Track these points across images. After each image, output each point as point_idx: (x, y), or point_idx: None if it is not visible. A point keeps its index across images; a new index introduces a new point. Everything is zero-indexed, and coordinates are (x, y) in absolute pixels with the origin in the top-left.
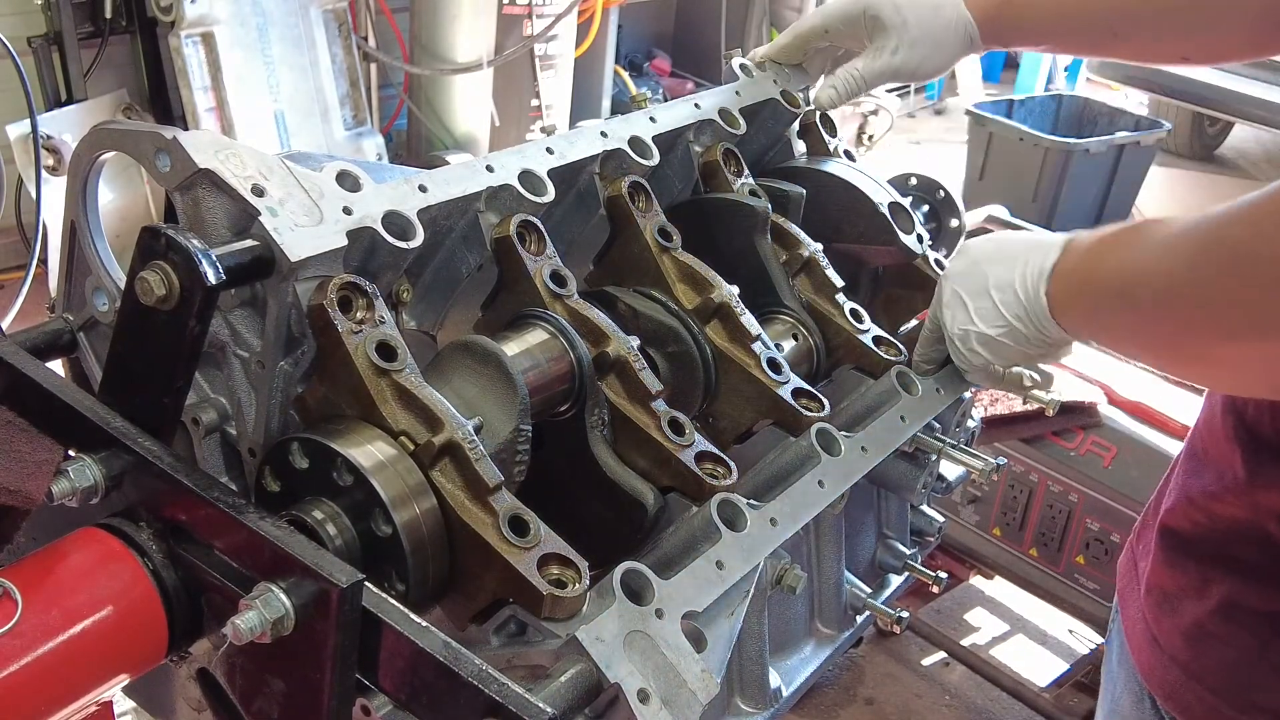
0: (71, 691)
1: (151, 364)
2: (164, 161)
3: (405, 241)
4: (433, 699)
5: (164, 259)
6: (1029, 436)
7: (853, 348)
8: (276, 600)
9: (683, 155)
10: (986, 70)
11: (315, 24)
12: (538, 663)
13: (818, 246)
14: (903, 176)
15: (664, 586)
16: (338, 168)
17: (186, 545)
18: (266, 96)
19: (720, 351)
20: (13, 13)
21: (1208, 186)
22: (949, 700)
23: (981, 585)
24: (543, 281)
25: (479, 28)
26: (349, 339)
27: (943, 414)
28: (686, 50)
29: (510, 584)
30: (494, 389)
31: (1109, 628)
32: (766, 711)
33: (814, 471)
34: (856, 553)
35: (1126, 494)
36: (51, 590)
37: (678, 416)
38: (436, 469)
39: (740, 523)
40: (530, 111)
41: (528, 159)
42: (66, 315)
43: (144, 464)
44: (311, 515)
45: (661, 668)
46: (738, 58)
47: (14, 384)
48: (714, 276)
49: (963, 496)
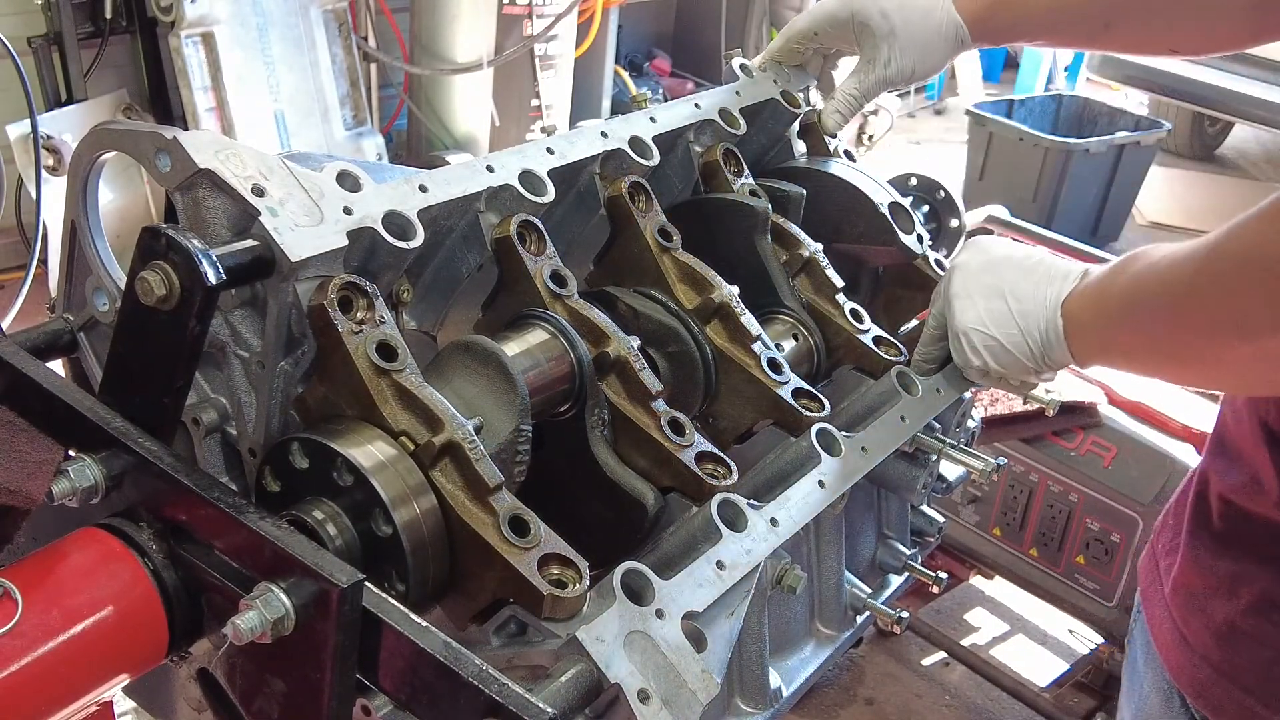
0: (72, 691)
1: (152, 364)
2: (164, 161)
3: (405, 241)
4: (433, 699)
5: (164, 259)
6: (1029, 436)
7: (853, 348)
8: (277, 600)
9: (683, 155)
10: (986, 70)
11: (315, 24)
12: (538, 663)
13: (818, 247)
14: (903, 177)
15: (664, 587)
16: (338, 168)
17: (187, 545)
18: (266, 96)
19: (720, 351)
20: (13, 13)
21: (1208, 186)
22: (949, 700)
23: (981, 585)
24: (543, 281)
25: (479, 28)
26: (349, 339)
27: (943, 414)
28: (686, 50)
29: (510, 584)
30: (494, 389)
31: (1130, 628)
32: (766, 712)
33: (814, 472)
34: (856, 553)
35: (1126, 494)
36: (52, 590)
37: (678, 416)
38: (437, 469)
39: (741, 523)
40: (530, 111)
41: (528, 159)
42: (66, 315)
43: (144, 464)
44: (312, 515)
45: (662, 668)
46: (738, 58)
47: (14, 384)
48: (714, 277)
49: (963, 496)
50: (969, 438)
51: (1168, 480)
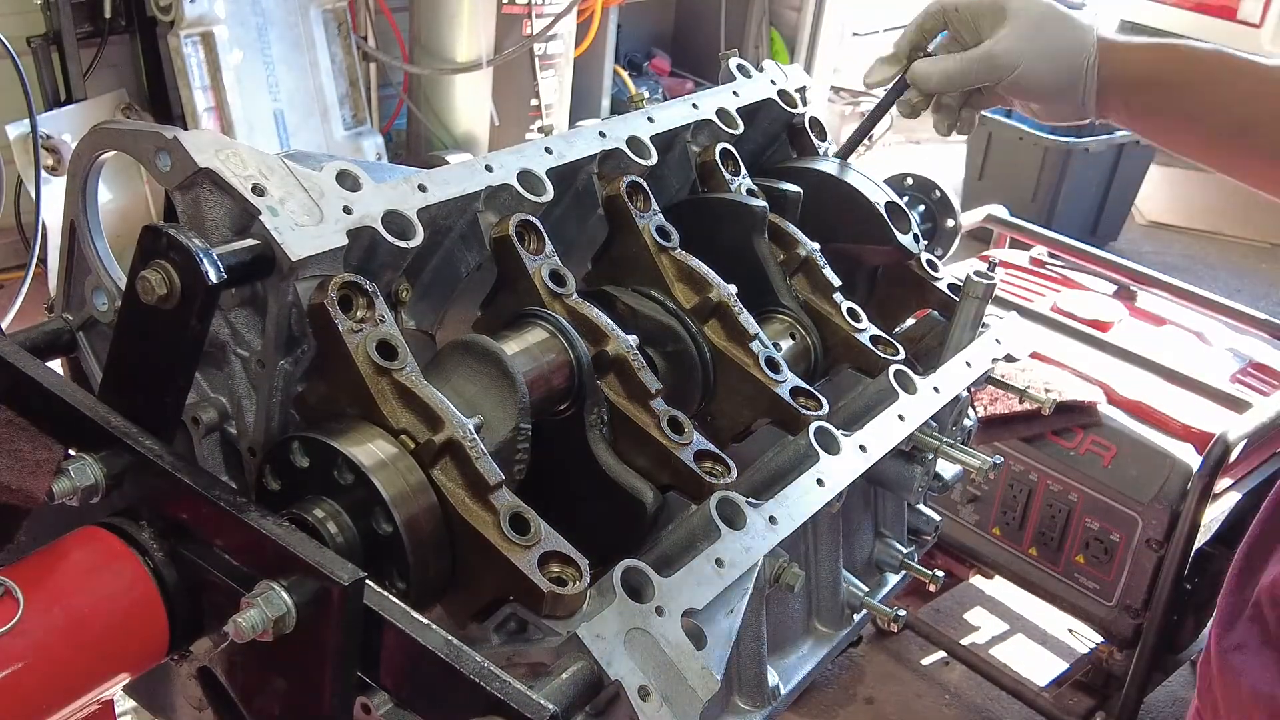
0: (72, 690)
1: (152, 363)
2: (164, 161)
3: (405, 241)
4: (434, 696)
5: (165, 258)
6: (1028, 436)
7: (850, 347)
8: (278, 598)
9: (680, 155)
10: None
11: (315, 24)
12: (538, 660)
13: (815, 246)
14: (899, 176)
15: (664, 584)
16: (338, 167)
17: (187, 544)
18: (266, 96)
19: (718, 350)
20: (12, 12)
21: (1207, 186)
22: (949, 700)
23: (981, 584)
24: (542, 281)
25: (478, 27)
26: (349, 338)
27: (940, 412)
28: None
29: (511, 582)
30: (494, 388)
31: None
32: (765, 709)
33: (813, 470)
34: (854, 551)
35: (1126, 493)
36: (53, 589)
37: (676, 415)
38: (437, 467)
39: (739, 521)
40: (530, 111)
41: (526, 159)
42: (66, 315)
43: (145, 463)
44: (312, 514)
45: (662, 665)
46: (735, 58)
47: (14, 383)
48: (712, 276)
49: (962, 496)
50: (966, 436)
51: (1167, 480)
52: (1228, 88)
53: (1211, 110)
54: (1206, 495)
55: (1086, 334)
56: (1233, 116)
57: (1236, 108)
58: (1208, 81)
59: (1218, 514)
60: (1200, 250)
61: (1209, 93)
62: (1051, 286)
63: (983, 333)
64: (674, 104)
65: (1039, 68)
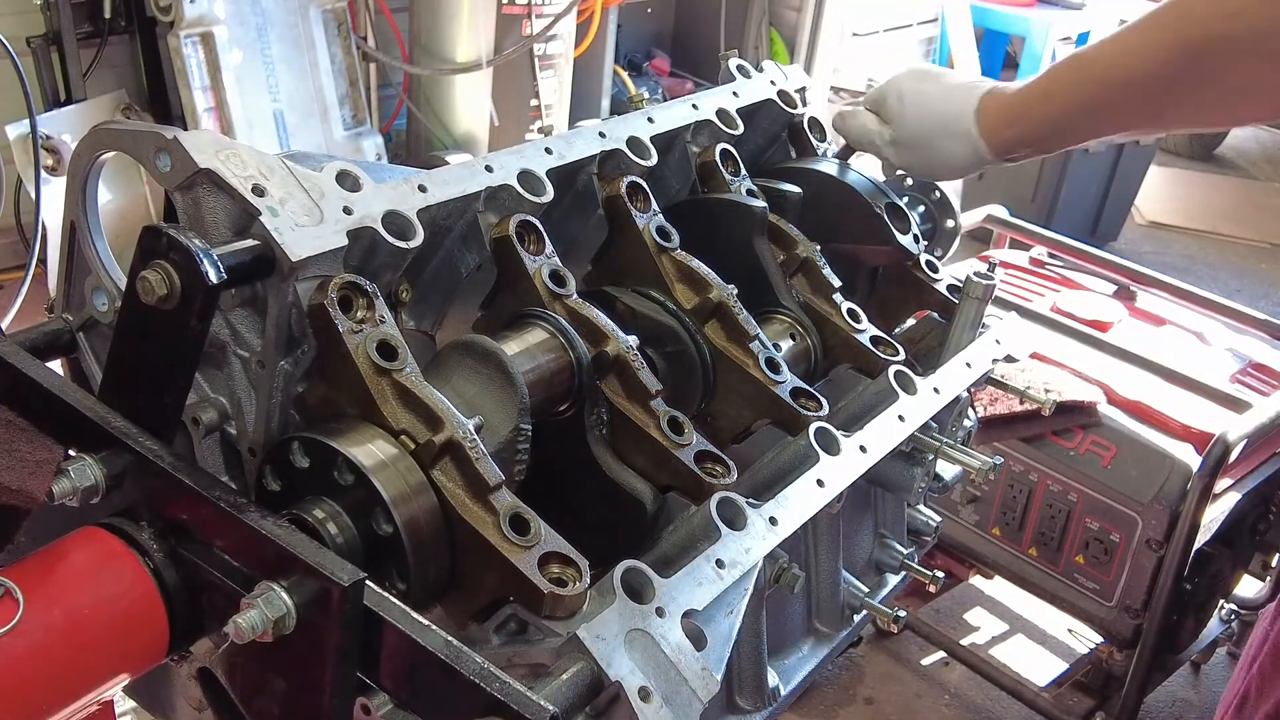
0: (72, 690)
1: (152, 363)
2: (164, 161)
3: (405, 241)
4: (434, 697)
5: (165, 258)
6: (1028, 436)
7: (850, 347)
8: (278, 599)
9: (680, 156)
10: (985, 70)
11: (315, 24)
12: (538, 661)
13: (815, 246)
14: (899, 177)
15: (664, 585)
16: (338, 167)
17: (187, 544)
18: (266, 96)
19: (718, 351)
20: (12, 13)
21: (1206, 186)
22: (949, 700)
23: (981, 585)
24: (542, 281)
25: (478, 27)
26: (349, 338)
27: (940, 413)
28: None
29: (511, 582)
30: (494, 388)
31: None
32: (765, 710)
33: (813, 471)
34: (853, 552)
35: (1126, 493)
36: (53, 589)
37: (677, 416)
38: (437, 468)
39: (739, 521)
40: (529, 111)
41: (526, 159)
42: (66, 315)
43: (145, 463)
44: (312, 514)
45: (662, 666)
46: (734, 58)
47: (14, 384)
48: (712, 276)
49: (962, 496)
50: (966, 436)
51: (1167, 480)
52: (1084, 87)
53: (1085, 113)
54: (1206, 495)
55: (1086, 334)
56: (1106, 104)
57: (1099, 97)
58: (1072, 86)
59: (1218, 514)
60: (1200, 250)
61: (1072, 97)
62: (1051, 287)
63: (982, 333)
64: (674, 104)
65: (929, 166)
